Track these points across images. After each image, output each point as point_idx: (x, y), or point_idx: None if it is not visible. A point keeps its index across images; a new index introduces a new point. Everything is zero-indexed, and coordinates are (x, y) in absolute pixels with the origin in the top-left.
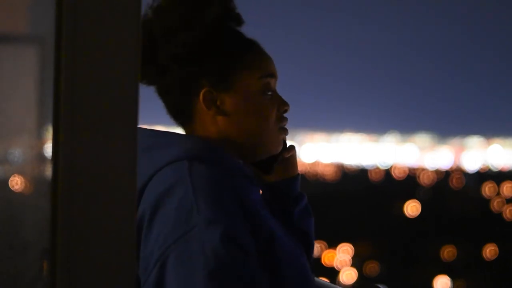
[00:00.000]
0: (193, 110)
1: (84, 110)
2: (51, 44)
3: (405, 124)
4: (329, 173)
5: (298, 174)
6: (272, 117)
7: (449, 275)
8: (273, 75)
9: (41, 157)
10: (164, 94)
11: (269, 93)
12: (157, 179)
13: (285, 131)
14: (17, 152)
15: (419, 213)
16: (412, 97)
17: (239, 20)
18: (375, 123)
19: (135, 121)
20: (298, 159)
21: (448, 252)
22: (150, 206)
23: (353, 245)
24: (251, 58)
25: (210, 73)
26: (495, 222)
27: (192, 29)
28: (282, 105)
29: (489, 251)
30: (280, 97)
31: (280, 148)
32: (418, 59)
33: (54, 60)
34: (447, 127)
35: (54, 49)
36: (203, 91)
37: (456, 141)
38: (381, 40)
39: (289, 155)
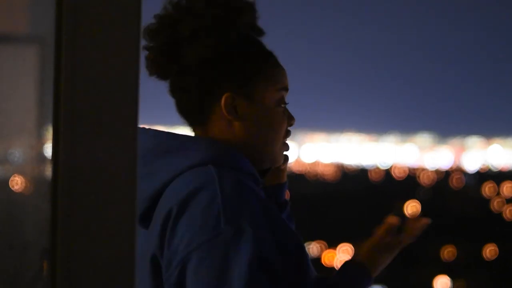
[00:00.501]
0: (210, 112)
1: (84, 110)
2: (51, 44)
3: (405, 124)
4: (329, 173)
5: (286, 181)
6: (283, 130)
7: (449, 275)
8: (287, 88)
9: (41, 157)
10: (180, 91)
11: (283, 106)
12: (179, 183)
13: (287, 146)
14: (17, 152)
15: (419, 213)
16: (412, 97)
17: (261, 31)
18: (375, 123)
19: (135, 121)
20: (298, 159)
21: (448, 252)
22: (175, 206)
23: (353, 245)
24: (272, 70)
25: (233, 78)
26: (495, 222)
27: (224, 34)
28: (290, 119)
29: (489, 251)
30: (289, 111)
31: (282, 161)
32: (418, 59)
33: (54, 60)
34: (447, 127)
35: (54, 49)
36: (225, 95)
37: (456, 141)
38: (381, 40)
39: (284, 165)
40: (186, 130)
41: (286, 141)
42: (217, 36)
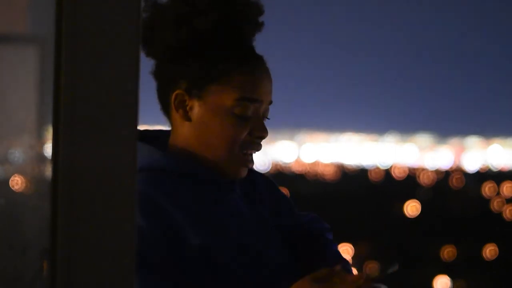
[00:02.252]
0: (167, 107)
1: (84, 110)
2: (51, 44)
3: (405, 124)
4: (329, 173)
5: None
6: (234, 139)
7: (449, 275)
8: (253, 100)
9: (41, 157)
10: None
11: (243, 117)
12: None
13: (247, 161)
14: (17, 152)
15: (419, 213)
16: (412, 97)
17: (256, 26)
18: (375, 123)
19: (135, 121)
20: (298, 159)
21: (448, 252)
22: None
23: (353, 245)
24: (234, 77)
25: (188, 76)
26: (495, 222)
27: (176, 30)
28: (257, 131)
29: (489, 251)
30: (259, 123)
31: (242, 173)
32: (418, 59)
33: (54, 60)
34: (447, 127)
35: (54, 49)
36: (176, 92)
37: (456, 141)
38: (381, 40)
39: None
40: None
41: (247, 156)
42: (169, 31)
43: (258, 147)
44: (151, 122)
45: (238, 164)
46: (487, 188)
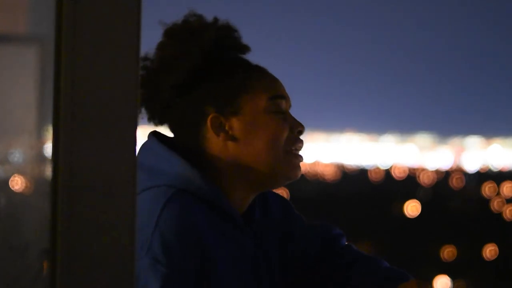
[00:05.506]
0: (201, 140)
1: (84, 110)
2: (51, 44)
3: (405, 124)
4: (329, 173)
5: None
6: (282, 137)
7: (449, 275)
8: (282, 96)
9: (41, 157)
10: (172, 129)
11: (280, 112)
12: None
13: (299, 156)
14: (17, 152)
15: (419, 213)
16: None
17: (242, 48)
18: (375, 123)
19: (135, 121)
20: None
21: (448, 252)
22: None
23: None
24: (257, 80)
25: (214, 98)
26: (495, 222)
27: (190, 57)
28: (295, 126)
29: (489, 251)
30: (293, 118)
31: (297, 173)
32: (418, 59)
33: (54, 60)
34: (447, 127)
35: (54, 49)
36: (210, 117)
37: (456, 141)
38: (381, 39)
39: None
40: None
41: (298, 152)
42: (184, 60)
43: (301, 143)
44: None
45: (291, 163)
46: (487, 188)
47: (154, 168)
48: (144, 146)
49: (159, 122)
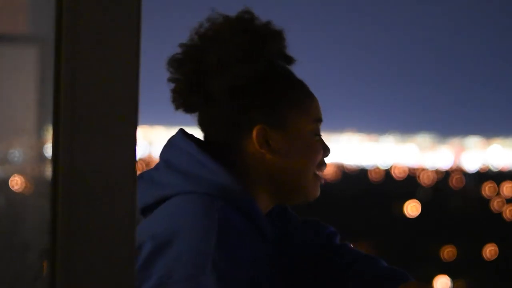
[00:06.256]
0: (239, 144)
1: (84, 110)
2: (51, 44)
3: (405, 124)
4: (329, 173)
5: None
6: (317, 159)
7: (449, 275)
8: (322, 119)
9: (41, 157)
10: (208, 125)
11: (319, 136)
12: (169, 207)
13: (321, 178)
14: (17, 152)
15: (419, 213)
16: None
17: (291, 59)
18: (375, 123)
19: (135, 121)
20: None
21: (448, 252)
22: (160, 235)
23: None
24: (305, 99)
25: (265, 109)
26: (495, 222)
27: (253, 62)
28: (326, 151)
29: (489, 251)
30: (324, 142)
31: (317, 195)
32: (418, 59)
33: (54, 60)
34: (447, 127)
35: (54, 49)
36: (257, 127)
37: (456, 141)
38: (381, 39)
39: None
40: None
41: (322, 174)
42: (244, 64)
43: (326, 166)
44: (151, 122)
45: (315, 185)
46: (487, 188)
47: (189, 172)
48: (173, 144)
49: (190, 111)
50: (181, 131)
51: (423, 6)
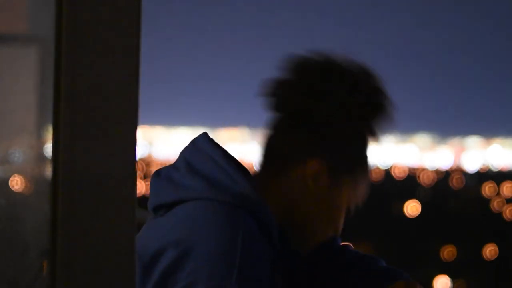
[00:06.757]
0: (285, 171)
1: (84, 110)
2: (51, 44)
3: (405, 124)
4: None
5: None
6: (343, 215)
7: (449, 275)
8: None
9: (41, 157)
10: (273, 128)
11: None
12: (189, 211)
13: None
14: (17, 152)
15: (419, 213)
16: (412, 97)
17: (376, 135)
18: None
19: (135, 121)
20: None
21: (448, 252)
22: (174, 243)
23: (353, 245)
24: (368, 162)
25: (335, 151)
26: (495, 222)
27: (348, 109)
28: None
29: (489, 251)
30: (343, 213)
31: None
32: (418, 59)
33: (54, 60)
34: (447, 127)
35: (54, 49)
36: (318, 161)
37: (456, 141)
38: (381, 39)
39: None
40: (184, 130)
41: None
42: (340, 112)
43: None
44: (151, 122)
45: (328, 235)
46: (487, 188)
47: (213, 178)
48: (198, 147)
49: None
50: (206, 135)
51: (423, 6)
